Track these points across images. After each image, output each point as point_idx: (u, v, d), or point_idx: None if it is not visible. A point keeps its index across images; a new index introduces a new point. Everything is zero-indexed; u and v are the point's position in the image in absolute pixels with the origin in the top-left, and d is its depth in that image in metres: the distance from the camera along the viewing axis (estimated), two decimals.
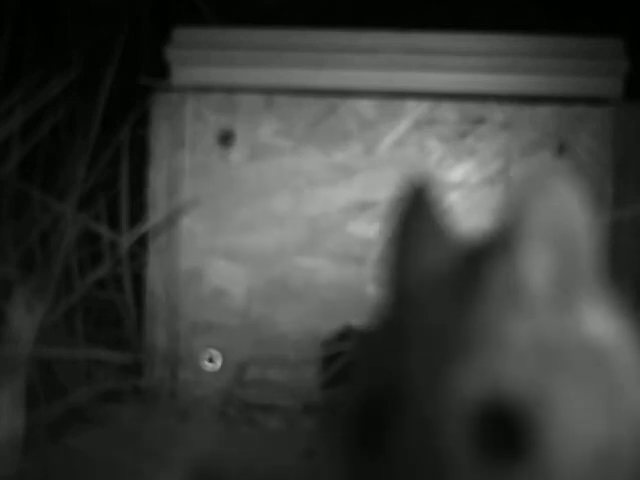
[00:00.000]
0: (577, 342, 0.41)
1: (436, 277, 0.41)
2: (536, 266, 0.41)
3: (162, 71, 1.55)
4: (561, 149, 1.49)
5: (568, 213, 0.42)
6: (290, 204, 1.51)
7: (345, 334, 1.51)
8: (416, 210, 0.41)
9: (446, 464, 0.37)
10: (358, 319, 1.51)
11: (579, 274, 0.42)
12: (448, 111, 1.50)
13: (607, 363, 0.41)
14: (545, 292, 0.41)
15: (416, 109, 1.51)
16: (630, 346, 0.43)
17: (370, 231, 1.51)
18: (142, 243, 1.52)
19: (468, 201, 1.50)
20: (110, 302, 1.54)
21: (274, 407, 1.49)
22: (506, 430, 0.38)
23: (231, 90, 1.52)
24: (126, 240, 1.50)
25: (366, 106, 1.51)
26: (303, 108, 1.51)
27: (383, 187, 1.51)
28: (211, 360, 1.51)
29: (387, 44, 1.52)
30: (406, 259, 0.41)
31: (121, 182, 1.53)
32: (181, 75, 1.54)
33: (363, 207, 1.51)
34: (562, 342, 0.40)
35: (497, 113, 1.50)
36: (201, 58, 1.54)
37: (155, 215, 1.51)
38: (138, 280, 1.53)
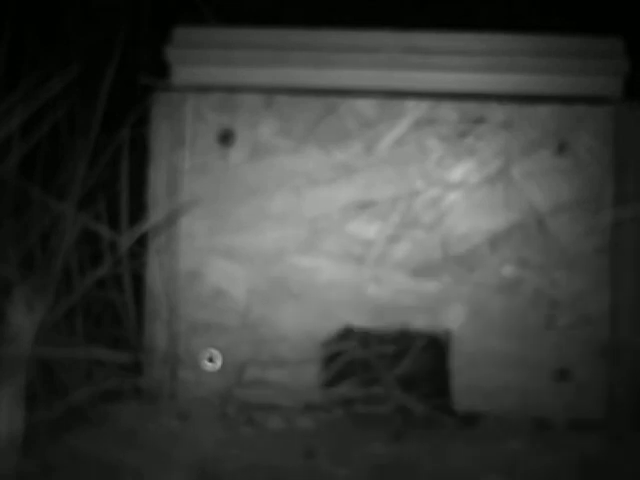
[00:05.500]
0: None
1: None
2: None
3: (162, 71, 1.55)
4: (561, 148, 1.49)
5: None
6: (290, 204, 1.51)
7: (345, 334, 1.51)
8: None
9: None
10: (358, 319, 1.50)
11: None
12: (448, 111, 1.50)
13: None
14: None
15: (416, 109, 1.51)
16: None
17: (370, 231, 1.51)
18: (142, 243, 1.52)
19: (468, 201, 1.50)
20: (110, 302, 1.55)
21: (274, 407, 1.49)
22: None
23: (231, 90, 1.52)
24: (126, 240, 1.50)
25: (366, 106, 1.51)
26: (303, 108, 1.51)
27: (383, 187, 1.51)
28: (211, 360, 1.51)
29: (387, 44, 1.52)
30: None
31: (121, 182, 1.53)
32: (181, 75, 1.54)
33: (363, 207, 1.51)
34: None
35: (497, 113, 1.50)
36: (201, 57, 1.54)
37: (155, 215, 1.51)
38: (138, 280, 1.53)
